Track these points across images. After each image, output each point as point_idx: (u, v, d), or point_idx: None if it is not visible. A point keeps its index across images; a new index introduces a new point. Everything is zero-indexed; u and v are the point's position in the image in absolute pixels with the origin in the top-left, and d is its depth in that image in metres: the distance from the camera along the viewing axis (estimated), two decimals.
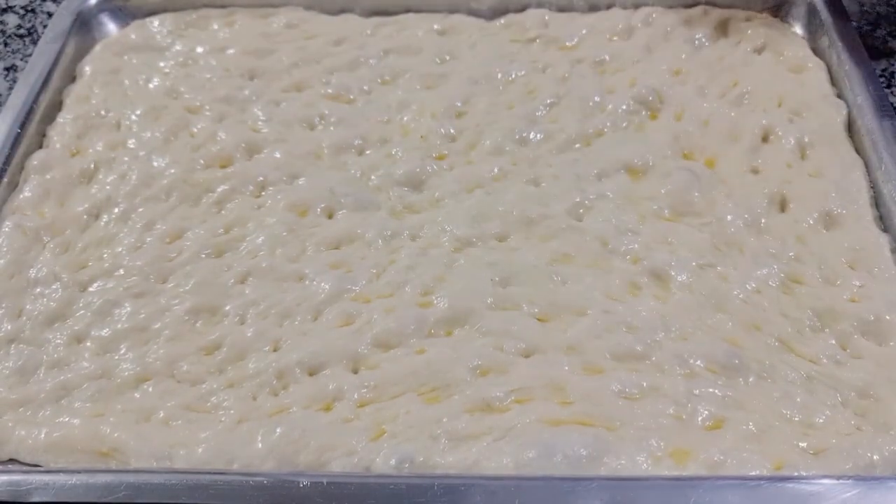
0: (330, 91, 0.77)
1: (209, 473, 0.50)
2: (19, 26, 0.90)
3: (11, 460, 0.54)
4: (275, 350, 0.58)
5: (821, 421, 0.54)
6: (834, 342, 0.58)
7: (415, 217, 0.67)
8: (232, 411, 0.55)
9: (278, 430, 0.53)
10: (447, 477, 0.50)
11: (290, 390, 0.56)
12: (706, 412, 0.54)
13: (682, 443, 0.52)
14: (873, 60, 0.76)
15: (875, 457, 0.51)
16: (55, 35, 0.81)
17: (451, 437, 0.53)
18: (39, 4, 0.92)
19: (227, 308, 0.61)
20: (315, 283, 0.62)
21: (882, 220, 0.66)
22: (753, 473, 0.51)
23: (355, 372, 0.57)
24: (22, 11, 0.92)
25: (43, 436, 0.54)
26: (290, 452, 0.53)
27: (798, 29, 0.81)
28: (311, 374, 0.57)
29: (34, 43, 0.87)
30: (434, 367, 0.56)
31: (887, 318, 0.59)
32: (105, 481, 0.50)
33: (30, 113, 0.74)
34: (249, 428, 0.54)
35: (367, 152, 0.72)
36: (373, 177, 0.70)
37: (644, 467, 0.51)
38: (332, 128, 0.74)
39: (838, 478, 0.49)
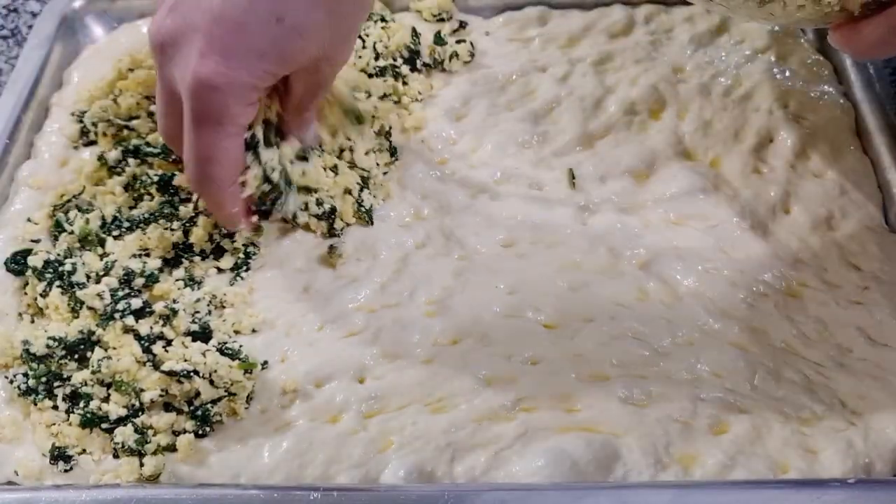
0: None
1: (219, 487, 0.54)
2: (2, 27, 0.93)
3: (9, 482, 0.57)
4: (282, 361, 0.61)
5: (822, 423, 0.57)
6: (837, 344, 0.62)
7: (418, 224, 0.70)
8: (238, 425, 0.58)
9: (284, 443, 0.57)
10: (456, 487, 0.54)
11: (296, 402, 0.59)
12: (713, 417, 0.57)
13: (689, 448, 0.56)
14: (882, 59, 0.79)
15: (874, 456, 0.55)
16: (40, 40, 0.84)
17: (458, 447, 0.56)
18: (22, 4, 0.95)
19: None
20: (320, 293, 0.65)
21: (888, 222, 0.70)
22: (760, 477, 0.54)
23: (361, 382, 0.60)
24: (4, 11, 0.94)
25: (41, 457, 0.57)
26: (297, 466, 0.56)
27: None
28: (317, 386, 0.60)
29: (18, 45, 0.90)
30: (440, 376, 0.59)
31: (891, 320, 0.63)
32: (114, 497, 0.53)
33: (18, 123, 0.77)
34: (255, 442, 0.57)
35: None
36: None
37: (652, 473, 0.54)
38: None
39: (840, 479, 0.53)
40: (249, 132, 0.62)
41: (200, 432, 0.57)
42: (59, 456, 0.56)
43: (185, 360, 0.58)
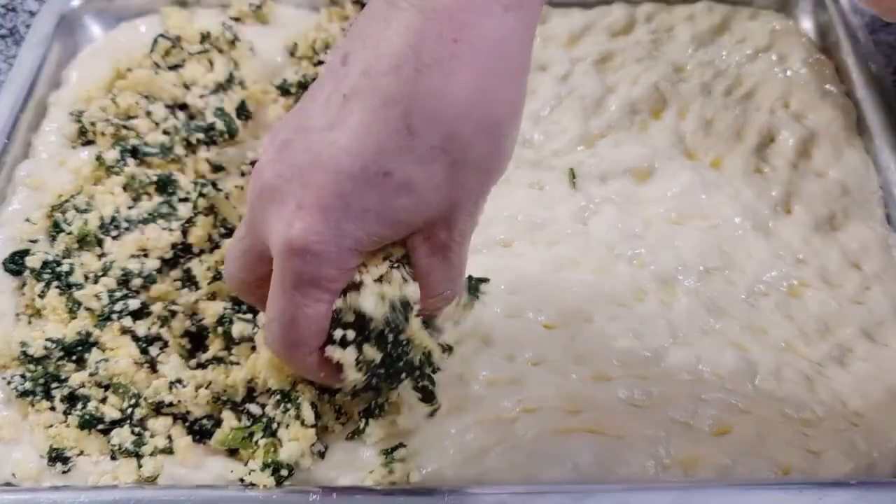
0: None
1: (218, 488, 0.54)
2: (0, 26, 0.93)
3: (7, 484, 0.56)
4: None
5: (823, 423, 0.57)
6: (838, 344, 0.62)
7: None
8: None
9: None
10: (456, 487, 0.54)
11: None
12: (714, 418, 0.57)
13: (690, 449, 0.56)
14: (884, 58, 0.79)
15: (875, 456, 0.55)
16: (38, 39, 0.84)
17: (460, 448, 0.55)
18: (21, 3, 0.95)
19: None
20: None
21: (890, 221, 0.70)
22: (762, 478, 0.54)
23: None
24: (2, 10, 0.94)
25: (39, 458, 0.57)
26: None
27: (805, 25, 0.85)
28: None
29: (17, 44, 0.89)
30: (441, 377, 0.59)
31: (892, 320, 0.63)
32: (113, 498, 0.53)
33: (16, 122, 0.76)
34: None
35: None
36: None
37: (653, 474, 0.54)
38: None
39: (842, 480, 0.54)
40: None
41: (198, 435, 0.57)
42: (57, 457, 0.56)
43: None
